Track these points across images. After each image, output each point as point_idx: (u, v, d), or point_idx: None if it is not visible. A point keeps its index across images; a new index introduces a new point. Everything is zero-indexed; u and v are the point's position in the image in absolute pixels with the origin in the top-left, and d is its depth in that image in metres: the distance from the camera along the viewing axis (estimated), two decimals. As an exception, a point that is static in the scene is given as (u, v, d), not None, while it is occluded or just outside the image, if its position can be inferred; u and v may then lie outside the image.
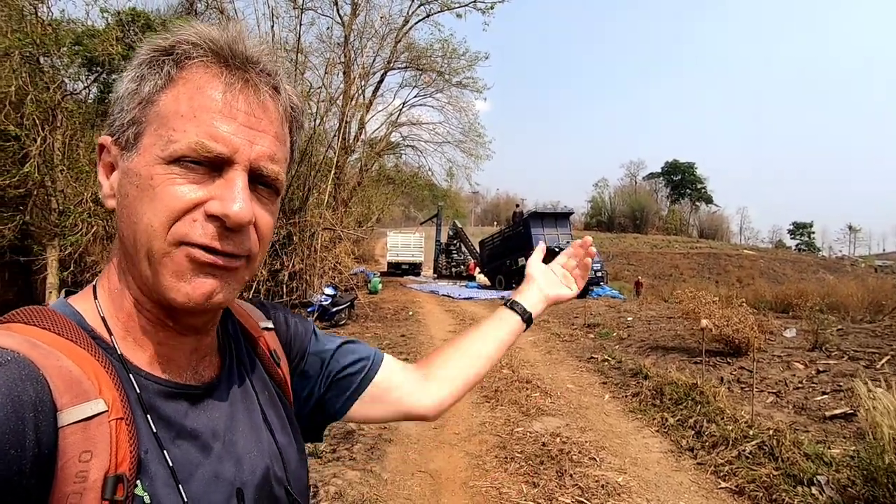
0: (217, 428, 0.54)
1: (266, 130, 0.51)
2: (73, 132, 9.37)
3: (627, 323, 9.90)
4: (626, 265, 42.35)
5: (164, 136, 0.47)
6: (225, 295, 0.50)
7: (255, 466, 0.56)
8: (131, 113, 0.50)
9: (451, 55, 18.07)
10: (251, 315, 0.70)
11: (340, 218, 13.53)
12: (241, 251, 0.50)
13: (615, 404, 5.13)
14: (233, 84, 0.49)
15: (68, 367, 0.43)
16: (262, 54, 0.52)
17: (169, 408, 0.51)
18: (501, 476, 3.49)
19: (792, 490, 3.03)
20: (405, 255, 29.34)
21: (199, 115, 0.47)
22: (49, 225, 8.87)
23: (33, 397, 0.39)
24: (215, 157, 0.47)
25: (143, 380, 0.50)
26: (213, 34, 0.50)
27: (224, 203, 0.47)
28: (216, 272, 0.49)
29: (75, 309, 0.51)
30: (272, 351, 0.67)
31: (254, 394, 0.62)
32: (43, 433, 0.39)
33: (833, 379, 5.07)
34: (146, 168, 0.48)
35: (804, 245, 77.89)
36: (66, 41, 9.02)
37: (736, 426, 3.89)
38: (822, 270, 43.80)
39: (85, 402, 0.42)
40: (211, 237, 0.48)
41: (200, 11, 15.16)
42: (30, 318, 0.47)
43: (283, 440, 0.62)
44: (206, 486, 0.50)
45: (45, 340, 0.44)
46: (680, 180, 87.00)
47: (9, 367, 0.39)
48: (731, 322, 6.23)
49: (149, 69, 0.50)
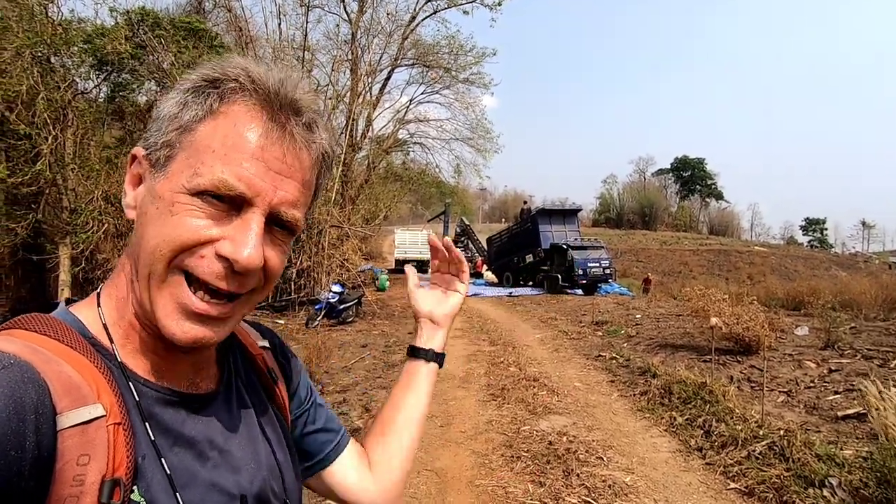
0: (214, 437, 0.55)
1: (293, 177, 0.51)
2: (83, 131, 9.46)
3: (636, 321, 9.83)
4: (635, 262, 42.05)
5: (192, 167, 0.48)
6: (218, 336, 0.51)
7: (254, 478, 0.57)
8: (168, 135, 0.50)
9: (458, 51, 17.97)
10: (248, 333, 0.71)
11: (348, 215, 13.57)
12: (242, 289, 0.51)
13: (623, 403, 5.09)
14: (270, 130, 0.50)
15: (68, 373, 0.44)
16: (306, 100, 0.53)
17: (167, 415, 0.52)
18: (508, 475, 3.48)
19: (803, 492, 2.99)
20: (413, 252, 29.36)
21: (229, 154, 0.48)
22: (61, 223, 8.98)
23: (34, 400, 0.40)
24: (236, 195, 0.48)
25: (142, 387, 0.51)
26: (261, 74, 0.51)
27: (235, 247, 0.48)
28: (208, 321, 0.50)
29: (76, 317, 0.52)
30: (269, 369, 0.68)
31: (251, 408, 0.63)
32: (43, 435, 0.40)
33: (846, 378, 4.99)
34: (170, 194, 0.48)
35: (816, 241, 76.80)
36: (77, 40, 9.09)
37: (746, 426, 3.85)
38: (834, 267, 43.17)
39: (83, 406, 0.43)
40: (216, 276, 0.48)
41: (208, 10, 15.23)
42: (31, 324, 0.48)
43: (281, 456, 0.63)
44: (204, 494, 0.51)
45: (45, 346, 0.46)
46: (690, 176, 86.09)
47: (11, 371, 0.40)
48: (742, 320, 6.16)
49: (193, 97, 0.50)
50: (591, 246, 18.48)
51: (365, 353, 7.40)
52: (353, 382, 5.74)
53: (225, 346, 0.64)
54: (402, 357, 7.00)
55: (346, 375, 6.06)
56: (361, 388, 5.55)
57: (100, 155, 9.85)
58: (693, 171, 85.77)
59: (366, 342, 8.28)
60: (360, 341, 8.36)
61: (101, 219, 9.10)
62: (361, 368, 6.46)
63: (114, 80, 11.36)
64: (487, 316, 11.89)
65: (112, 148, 10.79)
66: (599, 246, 18.78)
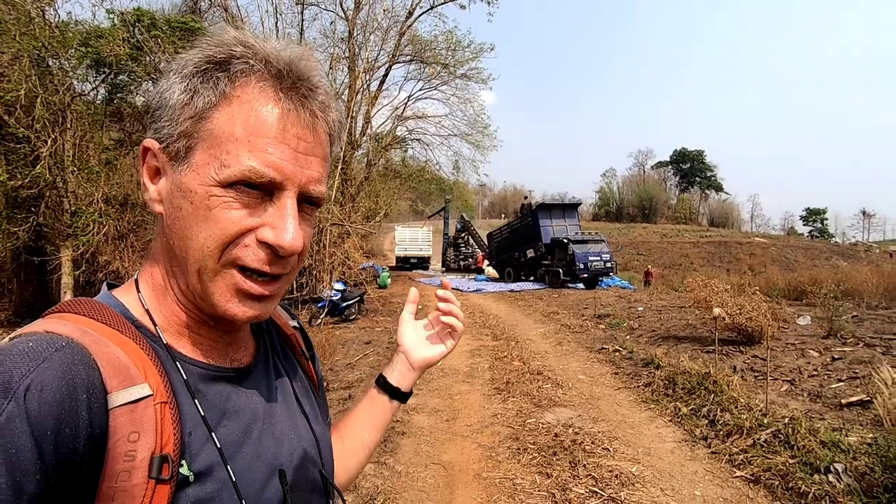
0: (257, 410, 0.57)
1: (316, 154, 0.52)
2: (82, 133, 9.46)
3: (638, 313, 9.84)
4: (636, 255, 42.07)
5: (218, 158, 0.48)
6: (269, 311, 0.55)
7: (294, 449, 0.59)
8: (182, 125, 0.50)
9: (456, 47, 17.90)
10: (281, 314, 0.73)
11: (348, 213, 13.55)
12: (286, 270, 0.54)
13: (627, 394, 5.11)
14: (288, 109, 0.50)
15: (116, 354, 0.46)
16: (314, 72, 0.53)
17: (212, 390, 0.54)
18: (515, 467, 3.50)
19: (809, 478, 3.00)
20: (413, 249, 29.40)
21: (253, 140, 0.48)
22: (62, 226, 8.98)
23: (86, 380, 0.42)
24: (269, 181, 0.49)
25: (188, 365, 0.53)
26: (269, 50, 0.50)
27: (277, 233, 0.50)
28: (263, 299, 0.53)
29: (119, 301, 0.54)
30: (302, 348, 0.72)
31: (288, 381, 0.65)
32: (95, 414, 0.42)
33: (849, 366, 5.00)
34: (202, 188, 0.49)
35: (817, 232, 76.72)
36: (74, 42, 9.06)
37: (750, 415, 3.86)
38: (835, 257, 43.15)
39: (132, 386, 0.45)
40: (263, 262, 0.50)
41: (204, 9, 15.19)
42: (80, 308, 0.50)
43: (319, 428, 0.65)
44: (250, 464, 0.53)
45: (94, 329, 0.47)
46: (689, 168, 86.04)
47: (64, 352, 0.42)
48: (744, 310, 6.17)
49: (201, 82, 0.49)
50: (591, 240, 18.46)
51: (368, 349, 7.42)
52: (358, 379, 5.75)
53: (259, 324, 0.67)
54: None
55: (350, 372, 6.08)
56: (366, 384, 5.57)
57: (99, 157, 9.84)
58: (692, 163, 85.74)
59: (369, 339, 8.29)
60: (364, 338, 8.38)
61: (102, 221, 9.10)
62: (365, 365, 6.48)
63: (111, 82, 11.33)
64: (489, 311, 11.90)
65: (111, 150, 10.78)
66: (600, 240, 18.77)
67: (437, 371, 6.01)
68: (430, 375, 5.83)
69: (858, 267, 15.59)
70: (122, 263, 9.60)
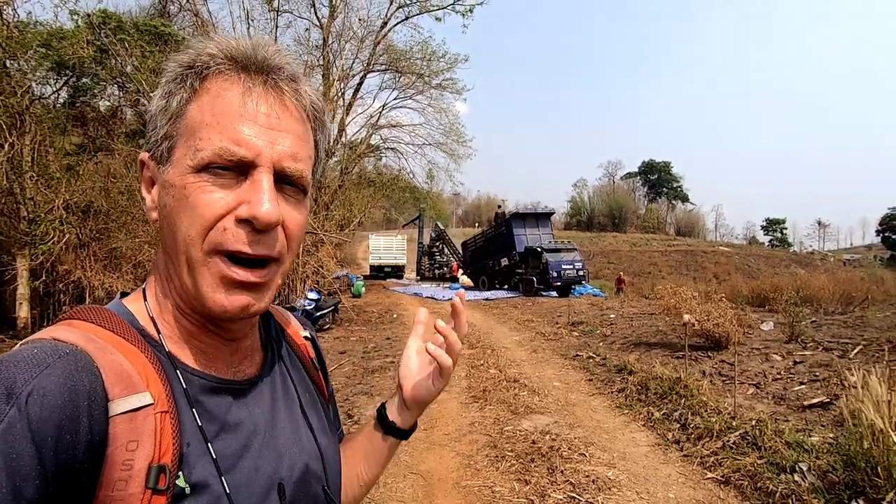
0: (258, 423, 0.56)
1: (287, 130, 0.51)
2: (42, 137, 9.08)
3: (610, 320, 10.03)
4: (607, 264, 42.93)
5: (192, 146, 0.49)
6: (260, 304, 0.53)
7: (295, 463, 0.58)
8: (164, 128, 0.51)
9: (431, 57, 18.06)
10: (291, 322, 0.73)
11: (322, 222, 13.40)
12: (272, 253, 0.51)
13: (602, 400, 5.19)
14: (251, 88, 0.50)
15: (120, 362, 0.46)
16: (281, 58, 0.53)
17: (213, 402, 0.53)
18: (493, 475, 3.50)
19: (776, 477, 3.11)
20: (387, 257, 29.22)
21: (221, 122, 0.49)
22: (18, 233, 8.57)
23: (87, 387, 0.42)
24: (239, 160, 0.49)
25: (189, 375, 0.53)
26: (231, 43, 0.52)
27: (251, 206, 0.49)
28: (251, 287, 0.51)
29: (128, 309, 0.55)
30: (312, 359, 0.71)
31: (295, 393, 0.64)
32: (95, 421, 0.42)
33: (809, 369, 5.22)
34: (179, 178, 0.50)
35: (777, 241, 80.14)
36: (34, 44, 8.73)
37: (719, 418, 3.98)
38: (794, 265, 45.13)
39: (133, 394, 0.45)
40: (242, 242, 0.49)
41: (174, 13, 14.88)
42: (88, 315, 0.50)
43: (324, 441, 0.64)
44: (248, 478, 0.52)
45: (100, 336, 0.48)
46: (657, 179, 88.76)
47: (67, 359, 0.43)
48: (712, 317, 6.37)
49: (175, 85, 0.51)
50: (564, 248, 18.76)
51: (343, 359, 7.32)
52: (334, 390, 5.66)
53: (268, 335, 0.66)
54: (380, 363, 6.96)
55: (325, 383, 5.98)
56: (342, 394, 5.48)
57: (60, 162, 9.46)
58: (660, 174, 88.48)
59: (344, 349, 8.18)
60: (339, 348, 8.26)
61: (63, 228, 8.73)
62: (341, 375, 6.38)
63: (74, 85, 10.95)
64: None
65: (73, 155, 10.38)
66: (573, 248, 19.09)
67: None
68: (407, 385, 5.78)
69: (816, 274, 16.33)
70: (84, 273, 9.20)
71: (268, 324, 0.67)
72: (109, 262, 9.73)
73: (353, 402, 5.21)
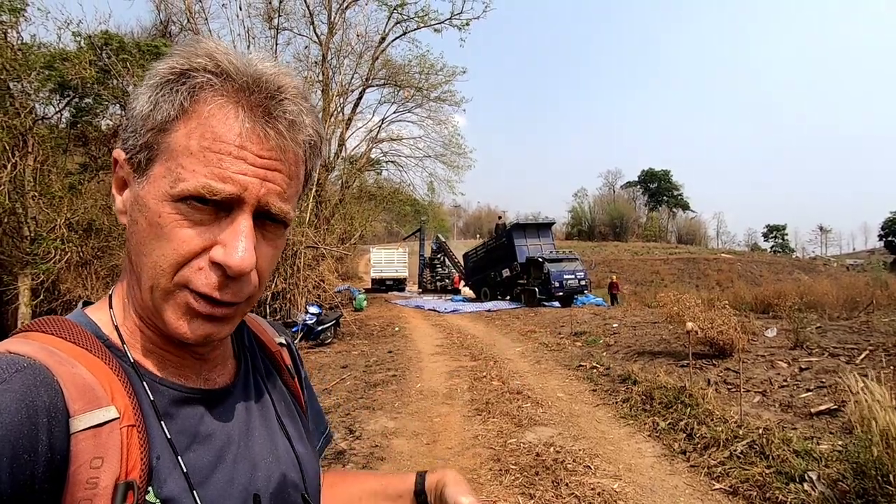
0: (232, 433, 0.55)
1: (279, 169, 0.49)
2: (44, 157, 9.16)
3: (613, 330, 9.97)
4: (608, 273, 42.80)
5: (173, 172, 0.46)
6: (223, 332, 0.51)
7: (271, 473, 0.56)
8: (144, 137, 0.48)
9: (429, 70, 18.25)
10: (266, 330, 0.71)
11: (323, 235, 13.42)
12: (239, 298, 0.49)
13: (606, 411, 5.13)
14: (247, 123, 0.47)
15: (82, 375, 0.44)
16: (286, 85, 0.50)
17: (183, 413, 0.51)
18: (497, 489, 3.44)
19: (785, 487, 3.06)
20: (389, 270, 29.23)
21: (208, 156, 0.46)
22: (20, 253, 8.60)
23: (47, 403, 0.40)
24: (223, 199, 0.46)
25: (157, 385, 0.51)
26: (233, 61, 0.48)
27: (226, 252, 0.47)
28: (214, 319, 0.49)
29: (91, 319, 0.52)
30: (288, 366, 0.70)
31: (270, 402, 0.62)
32: (56, 438, 0.40)
33: (816, 376, 5.16)
34: (155, 203, 0.47)
35: (779, 247, 79.93)
36: (37, 65, 8.85)
37: (726, 427, 3.93)
38: (797, 271, 44.94)
39: (97, 409, 0.43)
40: (212, 287, 0.47)
41: (175, 33, 15.10)
42: (47, 327, 0.48)
43: (302, 449, 0.62)
44: (222, 491, 0.50)
45: (61, 348, 0.46)
46: (657, 188, 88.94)
47: (24, 374, 0.41)
48: (715, 324, 6.32)
49: (163, 95, 0.48)
50: (566, 258, 18.73)
51: (345, 373, 7.26)
52: (336, 404, 5.61)
53: (241, 343, 0.64)
54: (383, 376, 6.90)
55: (327, 397, 5.93)
56: (344, 409, 5.44)
57: (62, 182, 9.52)
58: (659, 182, 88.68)
59: (346, 363, 8.12)
60: (340, 362, 8.21)
61: (64, 247, 8.76)
62: (343, 389, 6.33)
63: (76, 105, 11.07)
64: (467, 331, 11.86)
65: (75, 174, 10.46)
66: (574, 258, 19.05)
67: (415, 393, 5.92)
68: (409, 398, 5.74)
69: (819, 280, 16.27)
70: (84, 291, 9.21)
71: (241, 332, 0.65)
72: (111, 279, 9.75)
73: (354, 416, 5.16)
